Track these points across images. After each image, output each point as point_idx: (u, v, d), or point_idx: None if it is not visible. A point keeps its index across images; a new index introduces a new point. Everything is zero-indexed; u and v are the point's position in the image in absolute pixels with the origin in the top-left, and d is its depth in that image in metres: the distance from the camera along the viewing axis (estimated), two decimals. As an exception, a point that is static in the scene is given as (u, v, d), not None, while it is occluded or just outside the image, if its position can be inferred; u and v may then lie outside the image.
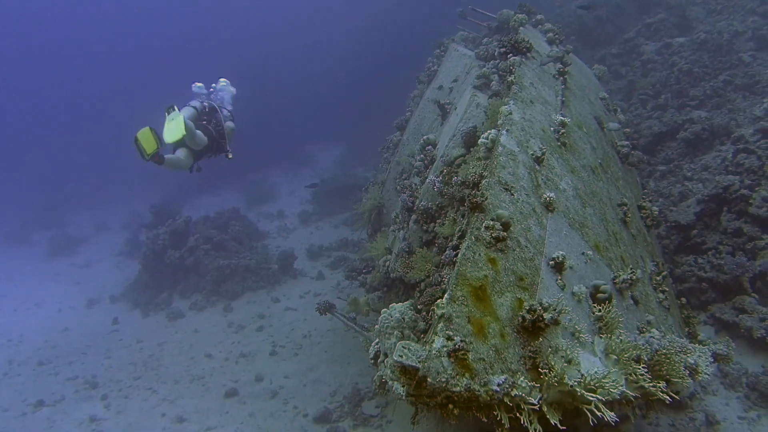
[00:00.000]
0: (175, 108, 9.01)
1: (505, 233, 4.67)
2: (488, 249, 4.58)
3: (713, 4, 19.81)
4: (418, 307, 5.35)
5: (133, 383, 14.97)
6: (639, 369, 4.58)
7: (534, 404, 3.99)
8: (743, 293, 10.53)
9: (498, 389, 3.85)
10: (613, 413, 4.12)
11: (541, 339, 4.16)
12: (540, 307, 4.18)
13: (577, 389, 4.09)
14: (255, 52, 48.05)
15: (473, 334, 3.94)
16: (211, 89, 12.12)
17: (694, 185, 13.71)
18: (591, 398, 4.10)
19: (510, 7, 13.16)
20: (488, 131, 6.04)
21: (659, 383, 4.62)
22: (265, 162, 36.14)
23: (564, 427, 4.12)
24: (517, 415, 3.98)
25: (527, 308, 4.19)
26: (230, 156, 10.67)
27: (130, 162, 17.98)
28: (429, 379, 3.76)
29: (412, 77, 15.25)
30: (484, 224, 4.71)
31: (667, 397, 4.58)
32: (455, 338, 3.80)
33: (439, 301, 4.04)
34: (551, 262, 4.94)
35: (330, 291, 17.92)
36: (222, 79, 12.38)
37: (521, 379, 4.00)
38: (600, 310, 4.86)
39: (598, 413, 4.13)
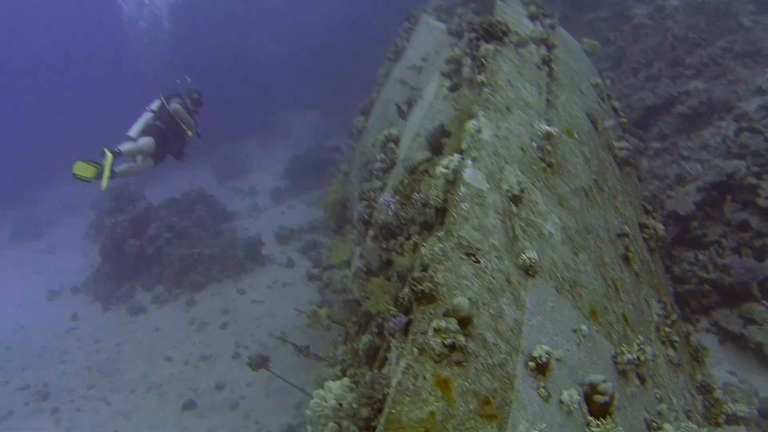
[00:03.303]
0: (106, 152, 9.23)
1: (463, 337, 3.25)
2: (438, 365, 3.13)
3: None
4: (357, 404, 4.08)
5: (86, 393, 14.07)
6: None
7: None
8: (752, 300, 9.34)
9: None
10: None
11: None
12: (512, 458, 2.86)
13: None
14: (223, 17, 45.56)
15: None
16: None
17: (691, 166, 12.42)
18: None
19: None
20: (449, 158, 4.60)
21: None
22: (239, 131, 34.36)
23: None
24: None
25: (493, 462, 2.86)
26: (198, 135, 11.51)
27: (100, 134, 16.50)
28: None
29: (388, 41, 13.60)
30: (432, 325, 3.26)
31: None
32: None
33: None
34: (531, 363, 3.55)
35: (299, 281, 16.74)
36: None
37: None
38: (598, 425, 3.54)
39: None
